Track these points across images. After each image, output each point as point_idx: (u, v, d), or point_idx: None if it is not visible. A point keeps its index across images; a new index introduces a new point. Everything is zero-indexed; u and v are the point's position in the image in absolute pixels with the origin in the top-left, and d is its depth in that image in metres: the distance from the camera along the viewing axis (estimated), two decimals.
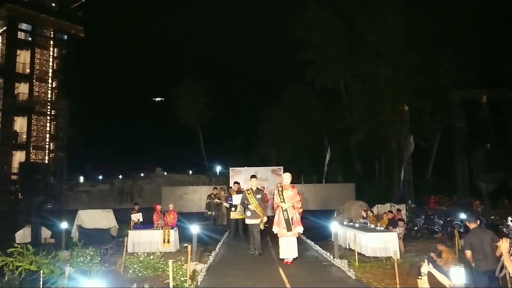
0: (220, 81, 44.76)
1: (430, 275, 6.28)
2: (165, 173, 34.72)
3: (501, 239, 4.14)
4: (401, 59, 24.53)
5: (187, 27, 55.75)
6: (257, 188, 9.88)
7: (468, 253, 6.14)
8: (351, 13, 28.14)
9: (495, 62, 22.68)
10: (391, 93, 25.10)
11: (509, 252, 4.02)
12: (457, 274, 4.76)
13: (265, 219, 9.58)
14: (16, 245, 7.22)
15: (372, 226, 11.20)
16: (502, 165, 12.34)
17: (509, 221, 11.86)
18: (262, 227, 9.67)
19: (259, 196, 9.65)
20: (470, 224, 6.41)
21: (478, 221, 6.61)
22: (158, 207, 12.60)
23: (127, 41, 47.59)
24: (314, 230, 13.64)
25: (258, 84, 44.45)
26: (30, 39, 35.87)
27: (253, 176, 10.05)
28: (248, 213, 9.73)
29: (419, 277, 6.04)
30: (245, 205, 9.89)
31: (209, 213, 16.64)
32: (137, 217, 12.69)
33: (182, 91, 39.77)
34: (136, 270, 8.33)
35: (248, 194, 9.73)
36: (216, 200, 16.56)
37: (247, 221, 9.90)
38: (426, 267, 6.36)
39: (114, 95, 43.78)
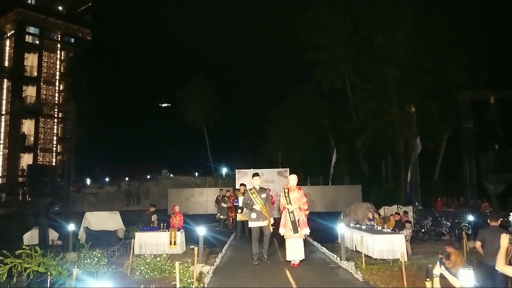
0: (227, 82, 44.87)
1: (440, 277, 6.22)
2: (171, 175, 34.78)
3: (502, 234, 4.17)
4: (410, 60, 24.40)
5: (194, 29, 55.88)
6: (261, 187, 9.11)
7: (478, 243, 6.28)
8: (359, 14, 28.09)
9: (506, 62, 22.55)
10: (399, 94, 25.01)
11: (508, 248, 4.06)
12: (466, 277, 4.72)
13: (271, 220, 8.81)
14: (24, 246, 7.27)
15: (379, 228, 11.14)
16: (511, 166, 12.24)
17: (511, 217, 11.82)
18: (270, 230, 8.88)
19: (264, 195, 8.90)
20: (491, 222, 6.46)
21: (500, 220, 6.68)
22: (177, 208, 12.64)
23: (134, 43, 48.03)
24: (320, 232, 13.61)
25: (264, 85, 44.47)
26: (37, 42, 36.26)
27: (256, 175, 9.26)
28: (253, 215, 8.80)
29: (428, 279, 5.98)
30: (248, 206, 8.92)
31: (221, 216, 16.57)
32: (156, 217, 12.74)
33: (189, 92, 39.82)
34: (143, 272, 8.34)
35: (252, 193, 8.92)
36: (223, 204, 16.49)
37: (252, 224, 8.88)
38: (438, 269, 6.30)
39: (121, 97, 44.00)
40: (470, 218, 12.60)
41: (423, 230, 14.23)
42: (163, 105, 43.82)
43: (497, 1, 22.99)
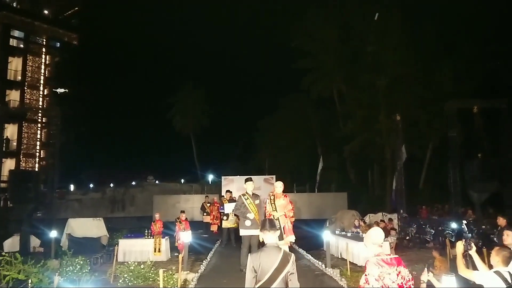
0: (216, 89, 44.78)
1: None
2: (157, 181, 34.55)
3: (457, 242, 4.29)
4: (399, 69, 24.75)
5: (184, 35, 55.62)
6: (254, 193, 8.74)
7: None
8: (349, 23, 28.41)
9: (492, 73, 23.04)
10: (387, 102, 25.28)
11: (463, 254, 4.17)
12: (449, 283, 4.77)
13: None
14: (4, 253, 7.12)
15: (365, 235, 11.15)
16: (495, 175, 12.44)
17: (464, 224, 12.03)
18: (259, 239, 8.20)
19: (257, 201, 8.55)
20: (502, 221, 6.57)
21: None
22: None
23: (122, 48, 47.45)
24: (306, 239, 13.59)
25: (254, 92, 44.45)
26: (22, 46, 35.80)
27: (249, 179, 8.88)
28: (248, 223, 8.29)
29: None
30: (241, 213, 8.49)
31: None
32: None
33: (179, 98, 39.58)
34: (127, 280, 8.22)
35: (246, 199, 8.48)
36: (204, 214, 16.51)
37: (244, 233, 8.35)
38: (426, 276, 6.35)
39: (107, 102, 43.52)
40: (454, 225, 12.73)
41: (407, 238, 14.33)
42: (59, 90, 39.61)
43: (483, 13, 23.46)
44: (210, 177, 35.47)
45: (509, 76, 22.41)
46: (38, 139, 35.39)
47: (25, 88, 35.13)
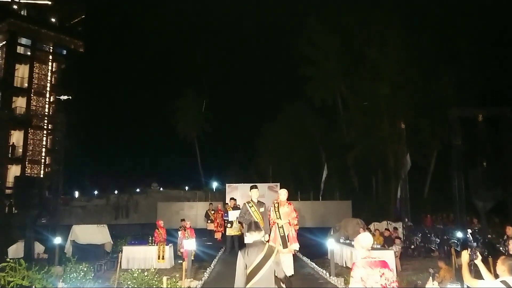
0: (219, 96, 44.91)
1: None
2: (161, 188, 34.56)
3: (463, 251, 4.27)
4: (400, 76, 24.75)
5: (187, 42, 56.00)
6: (259, 201, 8.61)
7: None
8: (351, 31, 28.49)
9: (493, 80, 22.99)
10: (389, 109, 25.25)
11: (468, 263, 4.14)
12: None
13: (267, 237, 8.06)
14: (8, 259, 7.14)
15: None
16: (500, 183, 12.33)
17: (469, 233, 11.92)
18: None
19: (262, 209, 8.40)
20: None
21: None
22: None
23: (126, 55, 47.87)
24: (310, 247, 13.50)
25: (257, 99, 44.53)
26: (29, 53, 36.13)
27: (254, 187, 8.75)
28: None
29: None
30: (246, 221, 8.22)
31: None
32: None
33: (182, 104, 39.59)
34: (130, 287, 8.20)
35: (250, 207, 8.35)
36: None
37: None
38: (430, 284, 6.31)
39: (112, 110, 43.73)
40: (459, 235, 12.62)
41: (412, 247, 14.22)
42: (63, 97, 39.21)
43: (485, 20, 23.47)
44: (214, 185, 35.45)
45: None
46: (44, 146, 35.58)
47: (32, 95, 35.42)
